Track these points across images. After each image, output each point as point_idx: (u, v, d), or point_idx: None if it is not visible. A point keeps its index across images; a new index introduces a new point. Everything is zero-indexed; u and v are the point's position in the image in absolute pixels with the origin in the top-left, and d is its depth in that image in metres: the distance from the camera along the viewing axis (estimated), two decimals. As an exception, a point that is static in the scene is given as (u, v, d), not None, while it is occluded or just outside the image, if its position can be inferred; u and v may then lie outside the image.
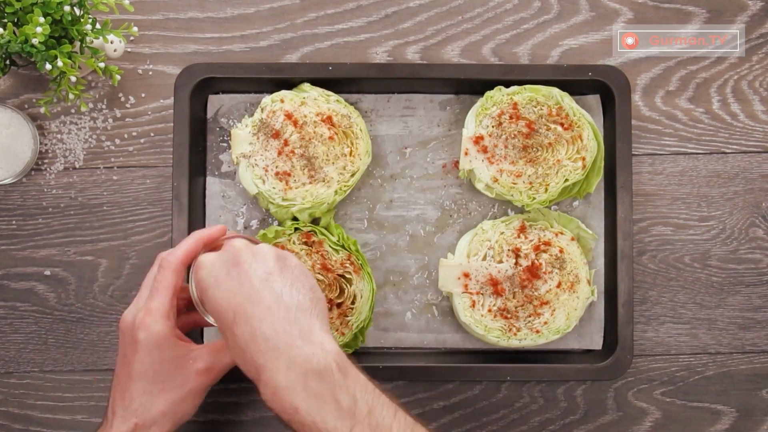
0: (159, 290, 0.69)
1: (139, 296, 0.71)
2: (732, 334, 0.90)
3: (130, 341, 0.68)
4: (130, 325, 0.69)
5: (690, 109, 0.91)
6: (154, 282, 0.70)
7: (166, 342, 0.68)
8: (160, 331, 0.68)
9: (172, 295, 0.70)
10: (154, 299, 0.69)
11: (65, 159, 0.89)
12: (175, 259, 0.70)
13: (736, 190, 0.90)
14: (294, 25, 0.90)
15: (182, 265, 0.71)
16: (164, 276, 0.70)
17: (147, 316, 0.68)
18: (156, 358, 0.68)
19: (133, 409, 0.67)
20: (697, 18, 0.91)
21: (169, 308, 0.69)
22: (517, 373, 0.84)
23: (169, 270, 0.70)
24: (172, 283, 0.70)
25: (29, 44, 0.75)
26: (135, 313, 0.69)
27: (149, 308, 0.68)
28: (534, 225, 0.85)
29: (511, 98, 0.84)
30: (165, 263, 0.70)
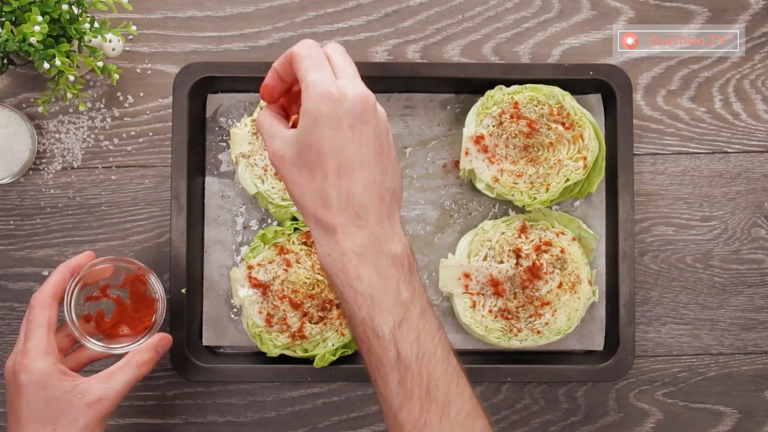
0: (33, 329, 0.69)
1: (18, 341, 0.71)
2: (734, 334, 0.90)
3: (14, 387, 0.68)
4: (11, 370, 0.68)
5: (692, 109, 0.91)
6: (27, 323, 0.70)
7: (50, 379, 0.67)
8: (41, 369, 0.67)
9: (48, 331, 0.70)
10: (30, 339, 0.69)
11: (63, 159, 0.89)
12: (43, 294, 0.71)
13: (739, 190, 0.90)
14: (293, 23, 0.90)
15: (52, 300, 0.71)
16: (35, 314, 0.70)
17: (25, 357, 0.68)
18: (41, 398, 0.67)
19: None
20: (698, 17, 0.91)
21: (46, 345, 0.69)
22: (517, 374, 0.84)
23: (39, 307, 0.70)
24: (45, 319, 0.70)
25: (27, 43, 0.75)
26: (14, 357, 0.69)
27: (26, 349, 0.68)
28: (535, 225, 0.85)
29: (512, 97, 0.84)
30: (34, 302, 0.70)
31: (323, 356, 0.82)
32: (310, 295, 0.83)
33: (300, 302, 0.82)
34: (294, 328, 0.83)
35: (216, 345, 0.87)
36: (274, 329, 0.83)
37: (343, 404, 0.88)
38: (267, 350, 0.83)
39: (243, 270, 0.83)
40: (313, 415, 0.88)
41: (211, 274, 0.87)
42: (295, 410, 0.88)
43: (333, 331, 0.83)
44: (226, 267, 0.87)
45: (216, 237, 0.87)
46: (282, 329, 0.83)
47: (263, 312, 0.83)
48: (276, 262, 0.83)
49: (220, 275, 0.87)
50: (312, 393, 0.88)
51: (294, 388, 0.88)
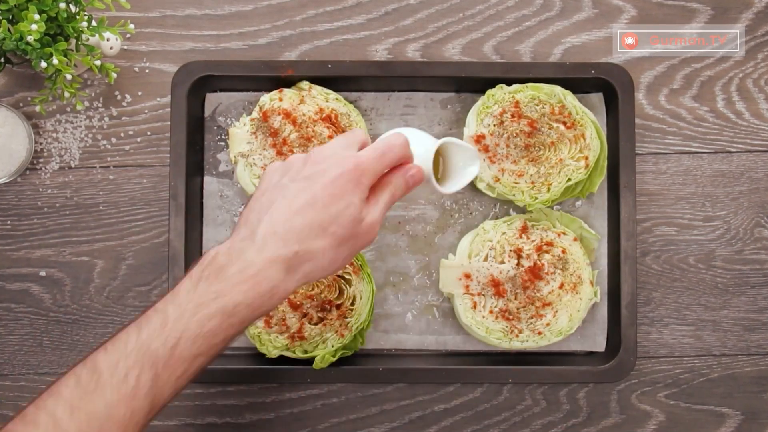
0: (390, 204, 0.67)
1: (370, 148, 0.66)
2: (737, 335, 0.90)
3: (356, 227, 0.64)
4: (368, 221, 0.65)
5: (694, 108, 0.91)
6: (393, 192, 0.67)
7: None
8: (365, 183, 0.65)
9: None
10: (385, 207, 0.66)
11: (61, 158, 0.89)
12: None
13: (741, 189, 0.90)
14: (293, 22, 0.90)
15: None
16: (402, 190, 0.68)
17: (377, 226, 0.66)
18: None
19: (299, 239, 0.62)
20: (701, 15, 0.91)
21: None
22: (519, 376, 0.84)
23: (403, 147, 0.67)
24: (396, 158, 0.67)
25: (24, 42, 0.75)
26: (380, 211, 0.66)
27: (381, 218, 0.66)
28: (536, 225, 0.85)
29: (513, 96, 0.84)
30: (411, 180, 0.68)
31: (323, 357, 0.82)
32: (310, 296, 0.83)
33: (299, 303, 0.82)
34: (293, 329, 0.83)
35: (215, 346, 0.87)
36: (273, 330, 0.83)
37: (343, 406, 0.88)
38: (266, 351, 0.83)
39: (242, 270, 0.83)
40: (313, 417, 0.88)
41: (209, 274, 0.87)
42: (294, 411, 0.88)
43: (332, 332, 0.83)
44: (225, 267, 0.86)
45: (215, 237, 0.87)
46: (281, 330, 0.83)
47: (262, 313, 0.83)
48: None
49: (219, 276, 0.87)
50: (311, 394, 0.88)
51: (293, 390, 0.88)
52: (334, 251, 0.63)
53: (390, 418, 0.88)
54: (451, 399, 0.89)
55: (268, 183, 0.65)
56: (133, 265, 0.88)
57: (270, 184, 0.64)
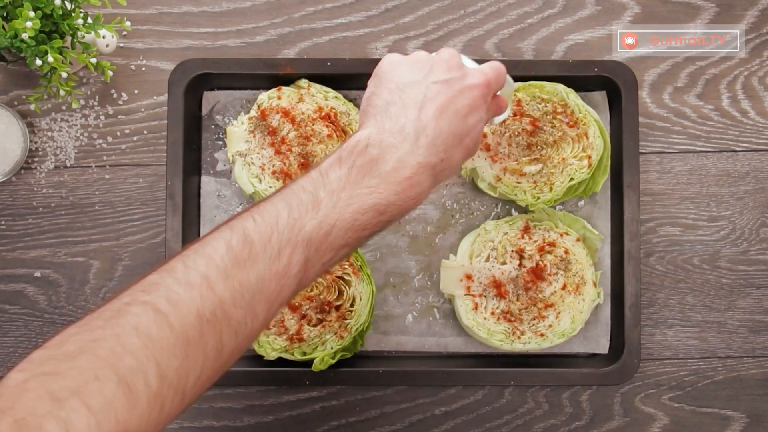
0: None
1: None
2: (742, 337, 0.90)
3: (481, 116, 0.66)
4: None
5: (699, 106, 0.91)
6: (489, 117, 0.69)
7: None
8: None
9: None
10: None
11: (56, 157, 0.89)
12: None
13: (747, 189, 0.90)
14: (291, 19, 0.90)
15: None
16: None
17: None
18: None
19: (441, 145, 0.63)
20: (705, 12, 0.91)
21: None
22: (520, 378, 0.84)
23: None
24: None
25: (19, 39, 0.75)
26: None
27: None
28: (538, 225, 0.85)
29: (515, 95, 0.84)
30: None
31: (322, 359, 0.82)
32: (309, 297, 0.82)
33: (298, 304, 0.82)
34: (292, 331, 0.83)
35: (212, 348, 0.87)
36: (271, 332, 0.83)
37: (343, 408, 0.88)
38: (264, 353, 0.83)
39: (240, 271, 0.83)
40: (312, 420, 0.88)
41: (207, 275, 0.86)
42: (293, 414, 0.88)
43: (332, 334, 0.83)
44: (223, 268, 0.86)
45: (212, 237, 0.87)
46: (280, 332, 0.83)
47: (260, 314, 0.83)
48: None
49: (217, 277, 0.86)
50: (310, 397, 0.88)
51: (292, 392, 0.88)
52: (461, 162, 0.65)
53: (390, 421, 0.88)
54: (452, 402, 0.89)
55: (398, 75, 0.65)
56: (129, 265, 0.88)
57: (403, 77, 0.64)
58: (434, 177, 0.63)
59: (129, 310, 0.51)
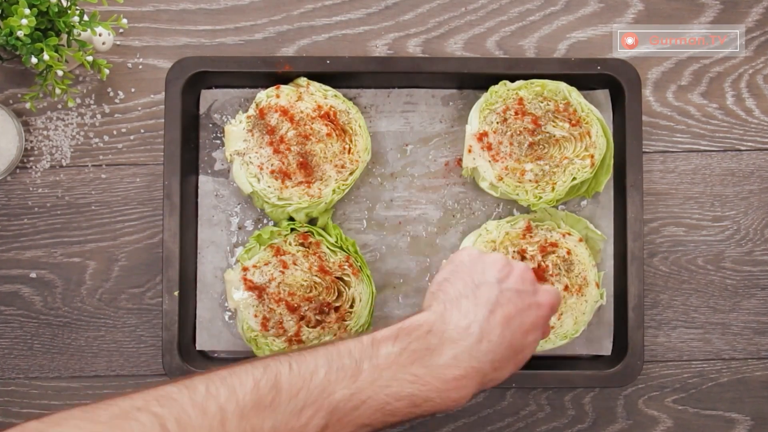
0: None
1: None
2: (747, 339, 0.90)
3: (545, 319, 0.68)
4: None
5: (703, 105, 0.91)
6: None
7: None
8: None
9: None
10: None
11: (52, 156, 0.89)
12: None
13: (751, 188, 0.90)
14: (290, 16, 0.90)
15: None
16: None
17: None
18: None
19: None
20: (710, 10, 0.91)
21: None
22: (522, 380, 0.84)
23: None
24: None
25: (14, 37, 0.75)
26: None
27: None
28: (540, 225, 0.85)
29: (517, 93, 0.84)
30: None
31: (321, 361, 0.82)
32: (308, 298, 0.82)
33: (297, 305, 0.82)
34: (291, 333, 0.83)
35: (210, 350, 0.87)
36: (270, 333, 0.83)
37: (342, 411, 0.88)
38: (263, 355, 0.83)
39: (238, 272, 0.83)
40: (311, 423, 0.88)
41: (204, 276, 0.87)
42: (291, 417, 0.88)
43: (331, 336, 0.83)
44: (221, 269, 0.87)
45: (210, 238, 0.87)
46: (278, 333, 0.83)
47: (259, 315, 0.83)
48: (272, 263, 0.83)
49: (214, 277, 0.87)
50: (309, 399, 0.88)
51: (291, 395, 0.88)
52: (507, 377, 0.64)
53: (390, 424, 0.88)
54: (452, 404, 0.89)
55: (476, 273, 0.66)
56: (126, 266, 0.88)
57: (479, 275, 0.65)
58: (481, 385, 0.62)
59: (137, 417, 0.50)
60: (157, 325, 0.88)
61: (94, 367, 0.88)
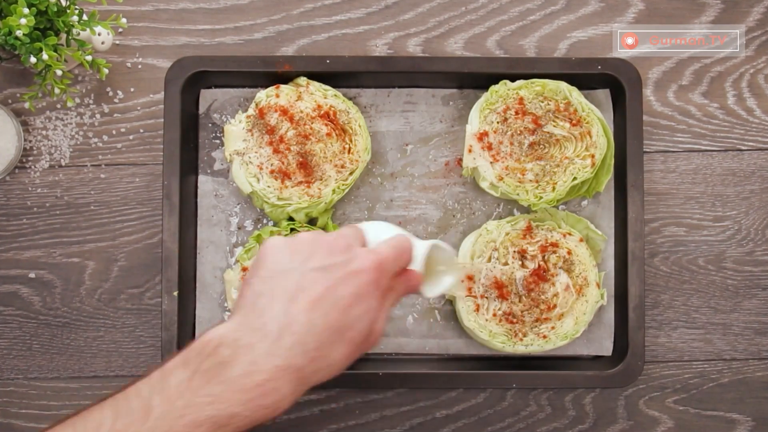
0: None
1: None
2: (748, 339, 0.90)
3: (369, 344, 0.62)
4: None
5: (704, 105, 0.91)
6: (396, 298, 0.64)
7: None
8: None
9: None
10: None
11: (51, 156, 0.89)
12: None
13: (753, 188, 0.90)
14: (290, 16, 0.90)
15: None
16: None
17: (382, 333, 0.63)
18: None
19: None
20: (711, 10, 0.91)
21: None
22: (523, 381, 0.84)
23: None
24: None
25: (13, 36, 0.75)
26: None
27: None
28: (541, 225, 0.85)
29: (517, 93, 0.84)
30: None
31: (321, 362, 0.82)
32: (307, 299, 0.82)
33: (297, 306, 0.82)
34: (290, 333, 0.82)
35: (209, 350, 0.87)
36: (269, 334, 0.83)
37: (342, 412, 0.88)
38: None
39: (237, 272, 0.83)
40: (311, 423, 0.88)
41: (204, 276, 0.87)
42: (291, 418, 0.88)
43: (331, 336, 0.83)
44: (220, 269, 0.87)
45: (209, 238, 0.87)
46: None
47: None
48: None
49: (214, 278, 0.87)
50: (309, 400, 0.88)
51: (290, 395, 0.88)
52: (346, 360, 0.59)
53: (390, 425, 0.88)
54: (453, 405, 0.89)
55: (273, 263, 0.59)
56: (125, 266, 0.88)
57: (277, 264, 0.59)
58: (300, 381, 0.56)
59: None
60: (156, 326, 0.88)
61: (93, 368, 0.88)
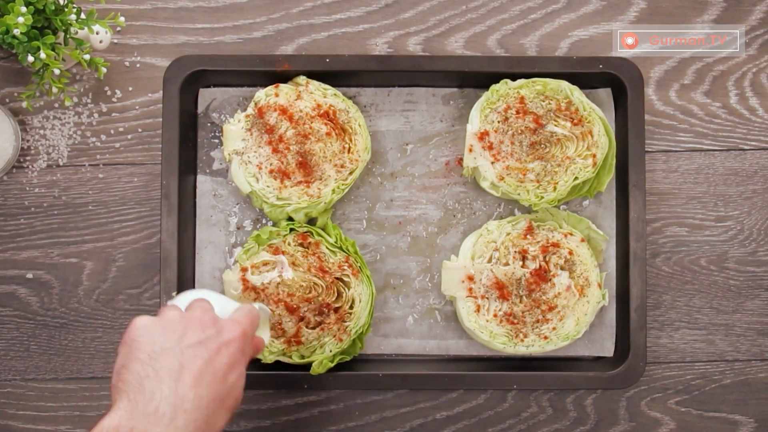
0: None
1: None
2: (750, 340, 0.90)
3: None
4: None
5: (706, 104, 0.91)
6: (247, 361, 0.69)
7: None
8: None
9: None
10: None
11: (48, 156, 0.89)
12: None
13: (755, 188, 0.90)
14: (289, 14, 0.90)
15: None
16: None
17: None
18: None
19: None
20: (713, 8, 0.91)
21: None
22: (524, 382, 0.84)
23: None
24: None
25: (10, 35, 0.75)
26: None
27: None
28: (542, 225, 0.85)
29: (518, 92, 0.84)
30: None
31: (320, 363, 0.82)
32: (307, 299, 0.82)
33: (296, 306, 0.82)
34: (290, 334, 0.83)
35: (208, 351, 0.87)
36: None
37: (342, 413, 0.88)
38: (261, 356, 0.83)
39: (236, 273, 0.83)
40: (311, 424, 0.88)
41: (203, 276, 0.87)
42: (291, 419, 0.88)
43: (331, 337, 0.83)
44: (219, 269, 0.87)
45: (208, 238, 0.87)
46: (277, 334, 0.83)
47: (258, 316, 0.83)
48: (271, 264, 0.83)
49: (213, 278, 0.87)
50: (309, 401, 0.88)
51: (290, 396, 0.88)
52: (225, 427, 0.63)
53: (390, 426, 0.88)
54: (453, 406, 0.89)
55: (149, 344, 0.61)
56: (123, 266, 0.88)
57: (154, 345, 0.61)
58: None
59: None
60: (154, 326, 0.88)
61: (91, 369, 0.88)
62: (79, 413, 0.88)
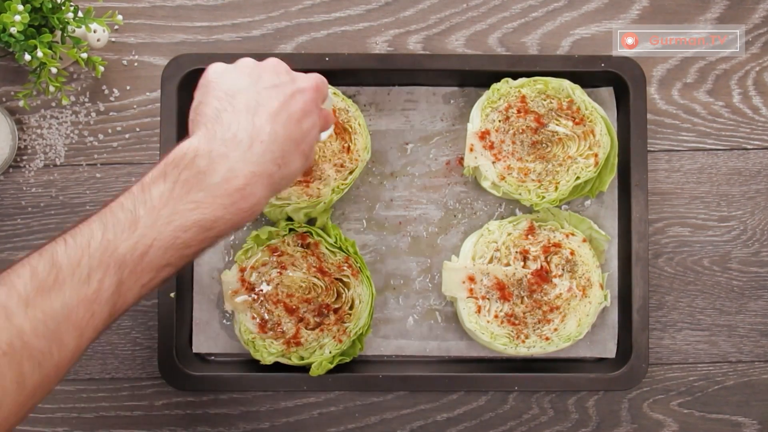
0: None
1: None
2: (754, 341, 0.90)
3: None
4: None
5: (709, 103, 0.91)
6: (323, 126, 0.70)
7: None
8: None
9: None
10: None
11: (45, 155, 0.89)
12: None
13: (758, 188, 0.90)
14: (288, 13, 0.90)
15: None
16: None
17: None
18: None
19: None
20: (715, 7, 0.91)
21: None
22: (525, 383, 0.84)
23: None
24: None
25: (7, 33, 0.75)
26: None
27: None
28: (543, 225, 0.85)
29: (519, 91, 0.84)
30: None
31: (320, 364, 0.82)
32: (306, 300, 0.82)
33: (295, 307, 0.82)
34: (289, 335, 0.83)
35: (207, 352, 0.87)
36: (268, 335, 0.83)
37: (341, 415, 0.88)
38: (261, 358, 0.83)
39: (235, 273, 0.83)
40: (310, 426, 0.88)
41: (201, 277, 0.87)
42: (290, 421, 0.88)
43: (330, 338, 0.83)
44: (218, 270, 0.87)
45: (207, 238, 0.87)
46: (276, 335, 0.83)
47: (256, 317, 0.83)
48: (270, 264, 0.83)
49: (211, 279, 0.87)
50: (308, 403, 0.88)
51: (289, 398, 0.88)
52: (300, 172, 0.65)
53: (390, 428, 0.88)
54: (454, 407, 0.89)
55: (226, 83, 0.64)
56: (121, 267, 0.88)
57: (232, 84, 0.63)
58: (271, 187, 0.61)
59: None
60: (152, 327, 0.88)
61: (88, 370, 0.88)
62: (77, 415, 0.88)
